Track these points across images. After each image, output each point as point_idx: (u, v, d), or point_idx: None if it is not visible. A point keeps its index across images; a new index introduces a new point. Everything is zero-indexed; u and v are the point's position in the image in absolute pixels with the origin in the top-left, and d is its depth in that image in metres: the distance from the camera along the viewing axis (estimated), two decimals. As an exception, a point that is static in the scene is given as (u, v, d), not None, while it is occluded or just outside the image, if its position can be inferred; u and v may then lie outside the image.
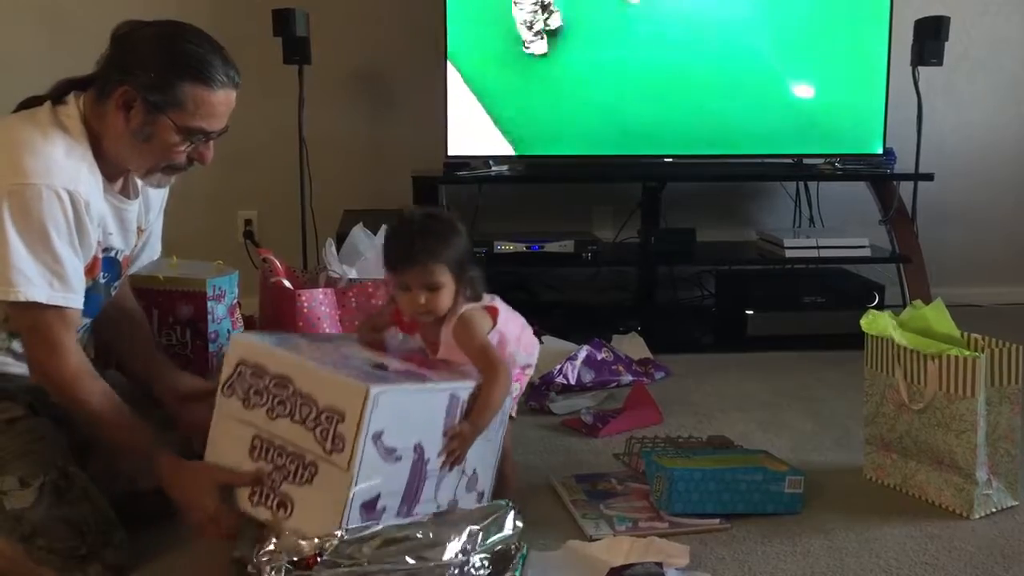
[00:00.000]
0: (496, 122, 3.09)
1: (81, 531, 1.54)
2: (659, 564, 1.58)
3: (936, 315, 1.96)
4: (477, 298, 1.70)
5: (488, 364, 1.64)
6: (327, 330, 2.13)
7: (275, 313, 2.19)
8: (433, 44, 3.10)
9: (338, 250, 2.34)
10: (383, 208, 3.08)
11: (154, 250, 1.92)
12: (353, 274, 2.26)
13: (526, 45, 3.02)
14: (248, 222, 3.44)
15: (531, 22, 2.94)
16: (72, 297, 1.57)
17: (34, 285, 1.52)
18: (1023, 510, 1.88)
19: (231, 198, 3.39)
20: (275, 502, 1.44)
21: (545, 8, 2.98)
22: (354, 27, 3.37)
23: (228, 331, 2.04)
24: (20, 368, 1.64)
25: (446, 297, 1.65)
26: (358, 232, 2.42)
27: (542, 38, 3.03)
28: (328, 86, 3.30)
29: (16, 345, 1.64)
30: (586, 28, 3.10)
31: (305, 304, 2.11)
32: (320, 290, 2.16)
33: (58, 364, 1.57)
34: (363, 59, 3.41)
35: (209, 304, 1.99)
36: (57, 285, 1.54)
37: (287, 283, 2.20)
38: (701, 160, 3.26)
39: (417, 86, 3.35)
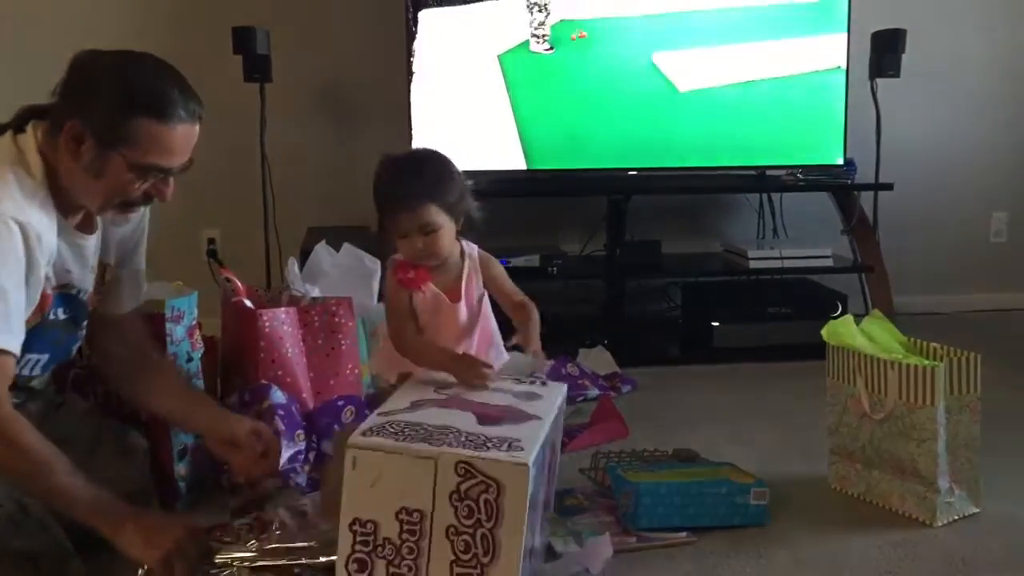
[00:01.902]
0: (461, 137, 3.09)
1: (36, 563, 1.51)
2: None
3: (878, 329, 1.99)
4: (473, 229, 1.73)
5: (522, 300, 1.78)
6: (289, 349, 2.11)
7: (237, 333, 2.17)
8: (397, 59, 3.09)
9: (301, 268, 2.32)
10: (347, 225, 3.07)
11: (135, 293, 1.83)
12: (316, 292, 2.24)
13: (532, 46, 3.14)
14: (212, 241, 3.41)
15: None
16: (5, 339, 1.44)
17: None
18: (985, 517, 1.90)
19: (194, 217, 3.36)
20: None
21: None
22: (316, 44, 3.36)
23: (187, 353, 2.01)
24: None
25: (446, 238, 1.65)
26: (321, 250, 2.40)
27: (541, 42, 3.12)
28: (290, 103, 3.29)
29: None
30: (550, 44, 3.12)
31: (267, 324, 2.09)
32: (282, 309, 2.14)
33: None
34: (325, 76, 3.40)
35: (168, 325, 1.96)
36: None
37: (248, 302, 2.18)
38: (665, 173, 3.27)
39: (381, 102, 3.34)
